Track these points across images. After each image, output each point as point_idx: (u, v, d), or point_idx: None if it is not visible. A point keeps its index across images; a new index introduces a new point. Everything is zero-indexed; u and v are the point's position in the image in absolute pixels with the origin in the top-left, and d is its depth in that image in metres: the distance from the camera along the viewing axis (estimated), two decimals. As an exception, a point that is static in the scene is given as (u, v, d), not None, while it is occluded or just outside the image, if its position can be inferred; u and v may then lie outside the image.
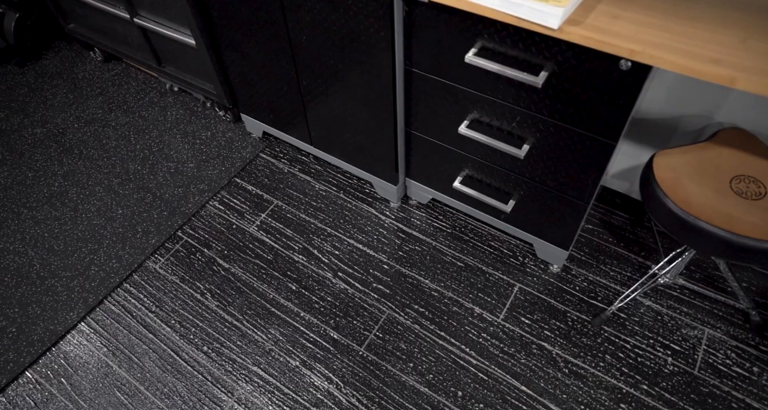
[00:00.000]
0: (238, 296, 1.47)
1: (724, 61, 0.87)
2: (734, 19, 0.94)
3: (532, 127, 1.19)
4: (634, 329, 1.35)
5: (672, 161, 1.14)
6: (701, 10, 0.96)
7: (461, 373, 1.30)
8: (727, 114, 1.29)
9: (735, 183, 1.10)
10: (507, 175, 1.33)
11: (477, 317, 1.39)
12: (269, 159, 1.82)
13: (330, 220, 1.63)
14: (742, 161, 1.12)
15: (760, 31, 0.91)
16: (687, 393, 1.24)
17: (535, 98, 1.12)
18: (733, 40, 0.90)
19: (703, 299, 1.40)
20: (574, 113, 1.09)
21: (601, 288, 1.43)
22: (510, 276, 1.47)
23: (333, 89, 1.44)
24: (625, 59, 0.95)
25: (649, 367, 1.29)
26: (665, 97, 1.35)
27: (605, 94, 1.02)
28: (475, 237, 1.56)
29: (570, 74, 1.04)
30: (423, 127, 1.40)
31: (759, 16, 0.93)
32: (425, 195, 1.62)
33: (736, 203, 1.06)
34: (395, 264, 1.51)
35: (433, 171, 1.51)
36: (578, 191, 1.24)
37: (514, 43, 1.06)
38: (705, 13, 0.95)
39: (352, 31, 1.24)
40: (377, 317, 1.41)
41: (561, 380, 1.28)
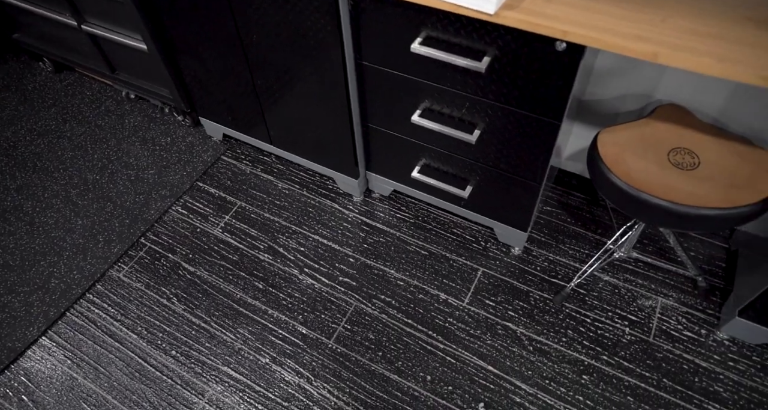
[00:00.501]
0: (205, 298, 1.47)
1: (647, 38, 0.92)
2: (656, 0, 0.99)
3: (481, 112, 1.22)
4: (593, 303, 1.40)
5: (615, 138, 1.18)
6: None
7: (429, 358, 1.32)
8: (664, 92, 1.35)
9: (672, 155, 1.15)
10: (462, 161, 1.37)
11: (443, 302, 1.42)
12: (231, 161, 1.82)
13: (294, 218, 1.64)
14: (679, 134, 1.18)
15: (678, 10, 0.96)
16: (643, 360, 1.30)
17: (480, 84, 1.16)
18: (655, 19, 0.95)
19: (656, 271, 1.46)
20: (519, 95, 1.13)
21: (561, 267, 1.48)
22: (473, 261, 1.50)
23: (287, 87, 1.45)
24: (559, 40, 1.00)
25: (609, 338, 1.34)
26: (609, 80, 1.41)
27: (545, 75, 1.06)
28: (437, 226, 1.59)
29: (511, 58, 1.07)
30: (379, 119, 1.42)
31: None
32: (387, 187, 1.64)
33: (673, 174, 1.11)
34: (360, 257, 1.53)
35: (393, 163, 1.53)
36: (530, 172, 1.28)
37: (456, 30, 1.09)
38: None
39: (300, 27, 1.26)
40: (345, 309, 1.42)
41: (526, 357, 1.31)
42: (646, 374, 1.27)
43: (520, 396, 1.25)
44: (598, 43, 0.94)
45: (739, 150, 1.14)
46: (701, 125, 1.19)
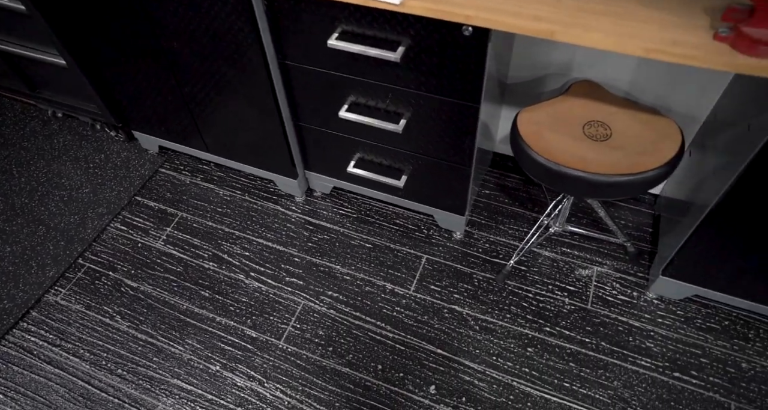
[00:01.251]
0: (150, 312, 1.44)
1: (545, 17, 0.97)
2: None
3: (403, 101, 1.24)
4: (534, 278, 1.45)
5: (533, 116, 1.24)
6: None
7: (379, 348, 1.34)
8: (579, 70, 1.42)
9: (587, 128, 1.21)
10: (394, 152, 1.39)
11: (389, 292, 1.44)
12: (170, 173, 1.78)
13: (237, 223, 1.62)
14: (592, 108, 1.23)
15: None
16: (583, 327, 1.36)
17: (399, 73, 1.18)
18: (551, 0, 1.01)
19: (590, 241, 1.53)
20: (436, 82, 1.16)
21: (501, 247, 1.53)
22: (417, 249, 1.53)
23: (215, 93, 1.44)
24: (465, 25, 1.03)
25: (550, 310, 1.39)
26: (528, 61, 1.47)
27: (457, 60, 1.09)
28: (380, 218, 1.61)
29: (424, 46, 1.10)
30: (309, 117, 1.43)
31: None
32: (327, 185, 1.65)
33: (588, 146, 1.17)
34: (306, 256, 1.53)
35: (329, 160, 1.54)
36: (459, 156, 1.32)
37: (369, 23, 1.11)
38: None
39: (217, 31, 1.25)
40: (293, 309, 1.42)
41: (473, 337, 1.35)
42: (585, 340, 1.33)
43: (469, 374, 1.29)
44: (499, 25, 0.98)
45: (646, 119, 1.20)
46: (613, 99, 1.26)
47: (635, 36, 0.92)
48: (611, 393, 1.25)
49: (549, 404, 1.24)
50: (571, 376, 1.28)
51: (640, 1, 0.97)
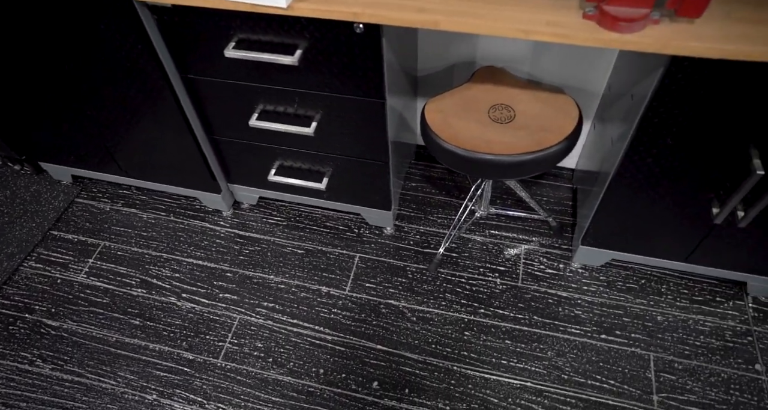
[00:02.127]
0: (76, 350, 1.36)
1: (428, 8, 0.99)
2: None
3: (311, 104, 1.24)
4: (465, 264, 1.49)
5: (440, 105, 1.27)
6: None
7: (320, 352, 1.33)
8: (483, 56, 1.47)
9: (492, 112, 1.26)
10: (311, 155, 1.39)
11: (325, 295, 1.44)
12: (87, 202, 1.70)
13: (164, 245, 1.57)
14: (496, 92, 1.28)
15: None
16: (515, 304, 1.40)
17: (301, 77, 1.18)
18: (434, -9, 1.04)
19: (515, 221, 1.58)
20: (339, 82, 1.17)
21: (432, 236, 1.56)
22: (349, 249, 1.53)
23: (121, 115, 1.39)
24: (356, 23, 1.05)
25: (483, 293, 1.43)
26: (434, 53, 1.50)
27: (355, 58, 1.10)
28: (310, 223, 1.60)
29: (320, 47, 1.10)
30: (223, 129, 1.40)
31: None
32: (252, 196, 1.63)
33: (494, 129, 1.21)
34: (238, 270, 1.50)
35: (250, 170, 1.52)
36: (374, 152, 1.33)
37: (263, 29, 1.10)
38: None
39: (111, 51, 1.20)
40: (229, 325, 1.39)
41: (411, 328, 1.37)
42: (519, 316, 1.38)
43: (410, 365, 1.30)
44: (386, 20, 0.99)
45: (547, 98, 1.26)
46: (515, 82, 1.31)
47: (513, 19, 0.96)
48: (546, 363, 1.30)
49: (489, 383, 1.27)
50: (508, 353, 1.32)
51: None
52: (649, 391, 1.25)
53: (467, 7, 1.00)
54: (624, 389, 1.25)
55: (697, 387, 1.25)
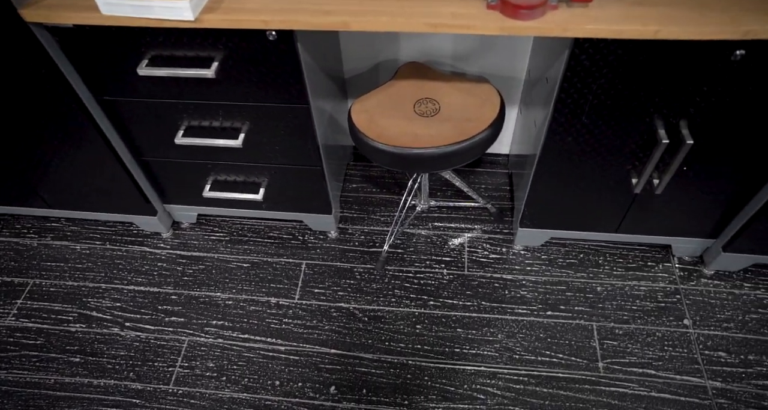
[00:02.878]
0: (8, 401, 1.28)
1: (335, 11, 1.00)
2: None
3: (237, 115, 1.23)
4: (411, 258, 1.51)
5: (365, 105, 1.28)
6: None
7: (274, 364, 1.31)
8: (406, 53, 1.49)
9: (417, 107, 1.28)
10: (243, 167, 1.37)
11: (274, 306, 1.42)
12: (11, 240, 1.60)
13: (102, 276, 1.50)
14: (420, 87, 1.30)
15: None
16: (463, 292, 1.44)
17: (222, 89, 1.16)
18: (343, -8, 1.05)
19: (457, 211, 1.62)
20: (260, 91, 1.16)
21: (377, 235, 1.57)
22: (295, 257, 1.52)
23: (37, 144, 1.32)
24: (269, 30, 1.05)
25: (431, 285, 1.45)
26: (358, 53, 1.52)
27: (273, 65, 1.09)
28: (254, 235, 1.58)
29: (237, 57, 1.09)
30: (150, 149, 1.36)
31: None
32: (191, 214, 1.59)
33: (420, 124, 1.23)
34: (183, 291, 1.46)
35: (184, 188, 1.48)
36: (306, 158, 1.33)
37: (175, 44, 1.08)
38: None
39: (14, 79, 1.14)
40: (178, 348, 1.35)
41: (363, 329, 1.37)
42: (467, 303, 1.41)
43: (365, 366, 1.31)
44: (296, 25, 0.99)
45: (469, 88, 1.29)
46: (439, 75, 1.33)
47: (421, 14, 0.98)
48: (497, 346, 1.33)
49: (444, 372, 1.29)
50: (460, 341, 1.35)
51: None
52: (594, 359, 1.30)
53: (375, 5, 1.01)
54: (572, 360, 1.30)
55: (637, 349, 1.32)
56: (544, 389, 1.26)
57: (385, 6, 1.00)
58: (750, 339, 1.33)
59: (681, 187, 1.26)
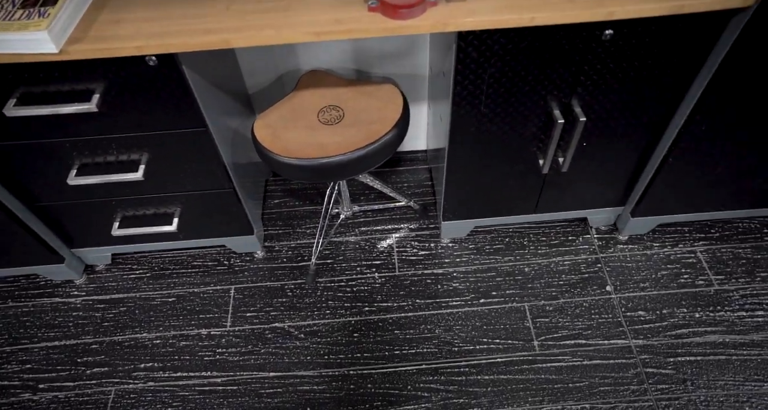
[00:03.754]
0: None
1: (214, 29, 0.96)
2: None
3: (132, 147, 1.16)
4: (341, 267, 1.49)
5: (268, 120, 1.24)
6: (194, -9, 1.06)
7: (212, 398, 1.26)
8: (306, 61, 1.47)
9: (321, 115, 1.26)
10: (150, 199, 1.29)
11: (206, 338, 1.36)
12: None
13: (6, 338, 1.38)
14: (322, 95, 1.29)
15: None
16: (396, 293, 1.44)
17: (110, 121, 1.09)
18: (220, 9, 1.00)
19: (381, 213, 1.62)
20: (153, 119, 1.10)
21: (304, 249, 1.54)
22: (222, 283, 1.47)
23: None
24: (147, 56, 1.00)
25: (365, 291, 1.44)
26: (258, 68, 1.48)
27: (160, 91, 1.04)
28: (176, 267, 1.51)
29: (119, 87, 1.03)
30: (44, 194, 1.26)
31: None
32: (104, 255, 1.49)
33: (325, 132, 1.21)
34: (104, 338, 1.37)
35: (91, 230, 1.39)
36: (216, 182, 1.27)
37: (46, 78, 1.00)
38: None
39: None
40: (104, 401, 1.26)
41: (301, 346, 1.34)
42: (402, 304, 1.41)
43: (307, 383, 1.28)
44: (175, 48, 0.95)
45: (373, 91, 1.29)
46: (340, 81, 1.32)
47: (303, 24, 0.97)
48: (436, 341, 1.34)
49: (387, 377, 1.29)
50: (399, 342, 1.34)
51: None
52: (530, 338, 1.34)
53: (255, 19, 0.98)
54: (509, 344, 1.34)
55: (567, 322, 1.37)
56: (485, 376, 1.28)
57: (267, 19, 0.98)
58: (663, 294, 1.42)
59: (584, 162, 1.32)
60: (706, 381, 1.26)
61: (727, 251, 1.50)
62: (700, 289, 1.42)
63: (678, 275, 1.45)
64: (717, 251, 1.49)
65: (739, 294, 1.40)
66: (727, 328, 1.34)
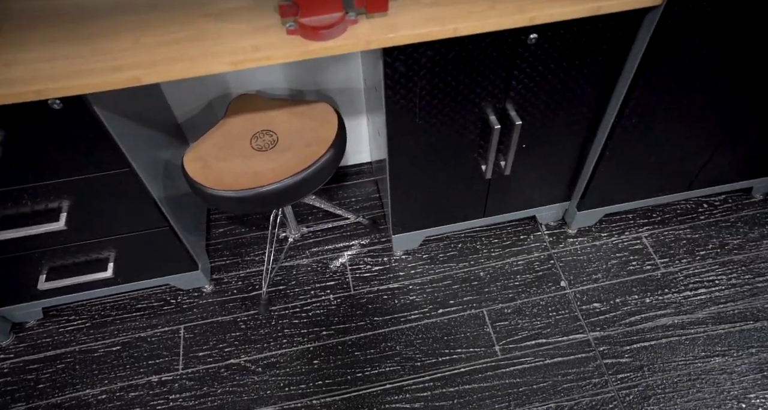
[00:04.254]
0: None
1: (125, 65, 0.90)
2: (128, 23, 0.96)
3: (49, 195, 1.07)
4: (295, 292, 1.45)
5: (198, 152, 1.17)
6: (98, 24, 0.96)
7: (170, 449, 1.21)
8: (237, 85, 1.41)
9: (254, 142, 1.21)
10: (80, 246, 1.21)
11: (157, 384, 1.29)
12: None
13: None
14: (254, 120, 1.23)
15: (150, 27, 0.96)
16: (354, 313, 1.40)
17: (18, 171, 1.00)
18: (128, 44, 0.93)
19: (331, 232, 1.57)
20: (69, 164, 1.02)
21: (255, 277, 1.48)
22: (170, 324, 1.39)
23: None
24: (50, 100, 0.92)
25: (321, 314, 1.40)
26: (185, 96, 1.40)
27: (72, 135, 0.96)
28: (119, 312, 1.42)
29: (23, 135, 0.94)
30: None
31: (149, 14, 0.98)
32: (34, 310, 1.38)
33: (260, 159, 1.15)
34: (40, 402, 1.27)
35: (15, 286, 1.28)
36: (149, 220, 1.19)
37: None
38: (102, 27, 0.96)
39: None
40: (52, 468, 1.18)
41: (260, 381, 1.29)
42: (360, 324, 1.38)
43: (270, 420, 1.25)
44: (78, 90, 0.87)
45: (305, 111, 1.24)
46: (271, 104, 1.26)
47: (219, 54, 0.91)
48: (398, 358, 1.32)
49: (351, 401, 1.26)
50: (361, 364, 1.31)
51: (209, 18, 0.97)
52: (491, 344, 1.34)
53: (167, 52, 0.92)
54: (471, 352, 1.33)
55: (526, 323, 1.38)
56: (450, 389, 1.27)
57: (179, 50, 0.91)
58: (614, 283, 1.45)
59: (526, 163, 1.33)
60: (661, 364, 1.30)
61: (669, 233, 1.55)
62: (648, 274, 1.46)
63: (627, 263, 1.48)
64: (660, 235, 1.55)
65: (683, 275, 1.46)
66: (675, 310, 1.39)
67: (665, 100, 1.19)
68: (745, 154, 1.42)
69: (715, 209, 1.59)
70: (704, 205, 1.61)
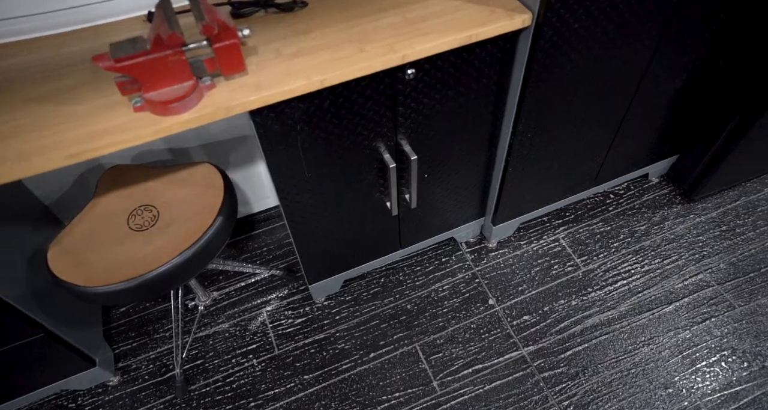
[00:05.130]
0: None
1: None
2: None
3: None
4: (214, 364, 1.33)
5: (65, 245, 1.01)
6: None
7: None
8: (107, 156, 1.25)
9: (132, 221, 1.07)
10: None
11: None
12: None
13: None
14: (130, 195, 1.09)
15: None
16: (281, 375, 1.31)
17: None
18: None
19: (245, 290, 1.47)
20: None
21: (167, 356, 1.35)
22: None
23: None
24: None
25: (246, 383, 1.30)
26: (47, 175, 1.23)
27: None
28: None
29: None
30: None
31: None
32: None
33: (139, 242, 1.01)
34: None
35: None
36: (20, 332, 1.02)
37: None
38: None
39: None
40: None
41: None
42: (290, 386, 1.29)
43: None
44: None
45: (187, 178, 1.11)
46: (148, 173, 1.13)
47: (55, 146, 0.78)
48: (334, 419, 1.28)
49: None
50: (297, 433, 1.25)
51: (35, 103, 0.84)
52: (428, 381, 1.30)
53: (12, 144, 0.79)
54: (409, 393, 1.28)
55: (461, 350, 1.35)
56: (394, 441, 1.23)
57: (4, 147, 0.77)
58: (540, 291, 1.45)
59: (432, 191, 1.28)
60: (594, 367, 1.31)
61: (584, 230, 1.57)
62: (570, 276, 1.48)
63: (549, 268, 1.49)
64: (576, 233, 1.57)
65: (602, 270, 1.49)
66: (600, 308, 1.41)
67: (555, 111, 1.18)
68: (637, 145, 1.46)
69: (621, 198, 1.64)
70: (611, 196, 1.65)
